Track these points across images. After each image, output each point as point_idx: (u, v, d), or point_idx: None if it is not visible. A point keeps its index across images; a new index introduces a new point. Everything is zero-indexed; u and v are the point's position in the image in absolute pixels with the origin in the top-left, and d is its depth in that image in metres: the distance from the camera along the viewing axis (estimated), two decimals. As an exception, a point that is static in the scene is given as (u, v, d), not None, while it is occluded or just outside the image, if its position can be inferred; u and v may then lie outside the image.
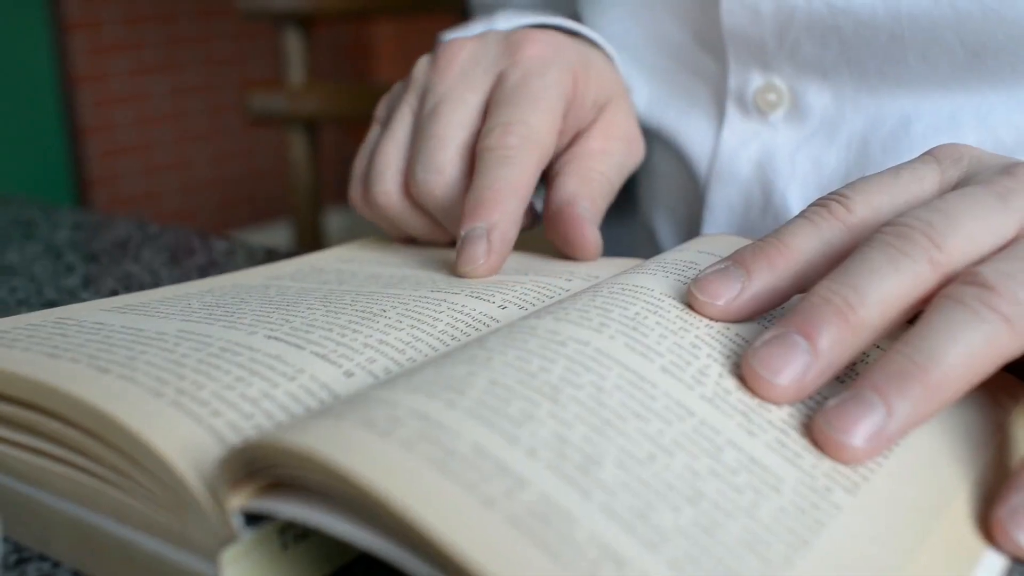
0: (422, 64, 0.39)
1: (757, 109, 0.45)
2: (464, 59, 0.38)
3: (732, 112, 0.46)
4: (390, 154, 0.38)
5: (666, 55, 0.48)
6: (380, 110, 0.41)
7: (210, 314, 0.28)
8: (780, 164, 0.45)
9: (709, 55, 0.47)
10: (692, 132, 0.48)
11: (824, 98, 0.44)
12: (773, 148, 0.45)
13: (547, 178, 0.39)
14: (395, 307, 0.29)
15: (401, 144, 0.38)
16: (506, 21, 0.48)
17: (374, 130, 0.40)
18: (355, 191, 0.40)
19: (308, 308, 0.29)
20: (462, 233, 0.33)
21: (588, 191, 0.37)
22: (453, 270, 0.34)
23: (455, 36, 0.42)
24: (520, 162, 0.34)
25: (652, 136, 0.51)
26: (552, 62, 0.37)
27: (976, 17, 0.38)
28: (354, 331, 0.27)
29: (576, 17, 0.55)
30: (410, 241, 0.41)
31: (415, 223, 0.38)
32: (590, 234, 0.36)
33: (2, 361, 0.24)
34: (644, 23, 0.48)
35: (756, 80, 0.45)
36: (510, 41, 0.38)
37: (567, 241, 0.36)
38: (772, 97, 0.45)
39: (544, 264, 0.36)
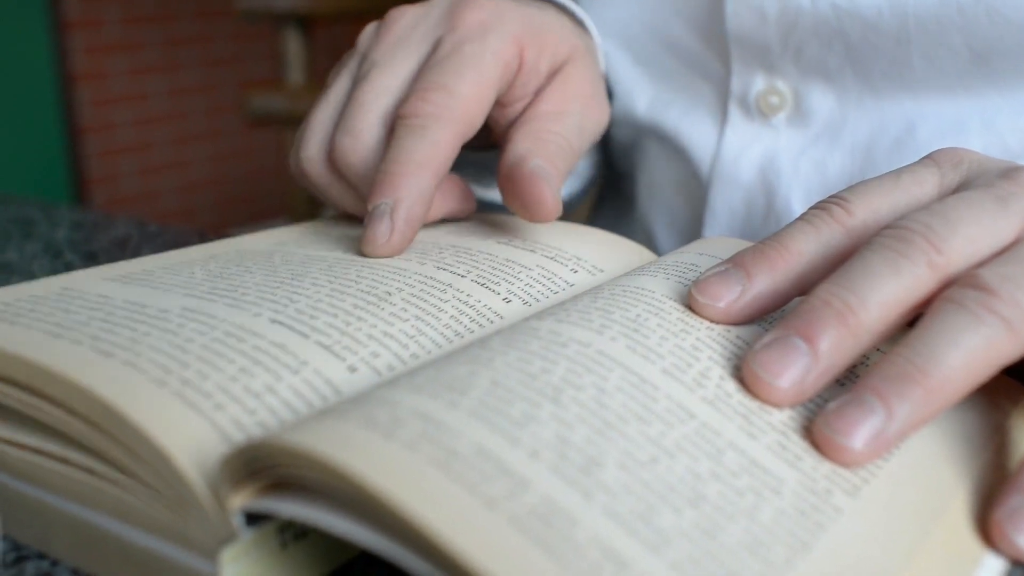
0: (368, 31, 0.38)
1: (760, 112, 0.45)
2: (403, 25, 0.36)
3: (734, 114, 0.46)
4: (319, 120, 0.36)
5: (668, 52, 0.48)
6: (329, 78, 0.39)
7: (214, 287, 0.28)
8: (783, 168, 0.45)
9: (713, 55, 0.47)
10: (694, 132, 0.48)
11: (828, 101, 0.44)
12: (776, 152, 0.45)
13: (500, 147, 0.37)
14: (400, 290, 0.29)
15: (333, 110, 0.36)
16: None
17: (323, 95, 0.38)
18: (292, 156, 0.37)
19: (313, 284, 0.28)
20: (368, 208, 0.32)
21: (542, 150, 0.34)
22: (360, 248, 0.32)
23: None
24: (434, 133, 0.32)
25: (652, 135, 0.51)
26: (492, 28, 0.35)
27: (982, 20, 0.38)
28: (359, 318, 0.26)
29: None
30: (349, 218, 0.39)
31: (339, 194, 0.36)
32: (546, 191, 0.33)
33: (4, 341, 0.24)
34: (645, 18, 0.48)
35: (759, 82, 0.45)
36: (452, 7, 0.36)
37: (521, 201, 0.33)
38: (775, 100, 0.45)
39: (551, 243, 0.35)
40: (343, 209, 0.37)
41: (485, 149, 0.43)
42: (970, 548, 0.22)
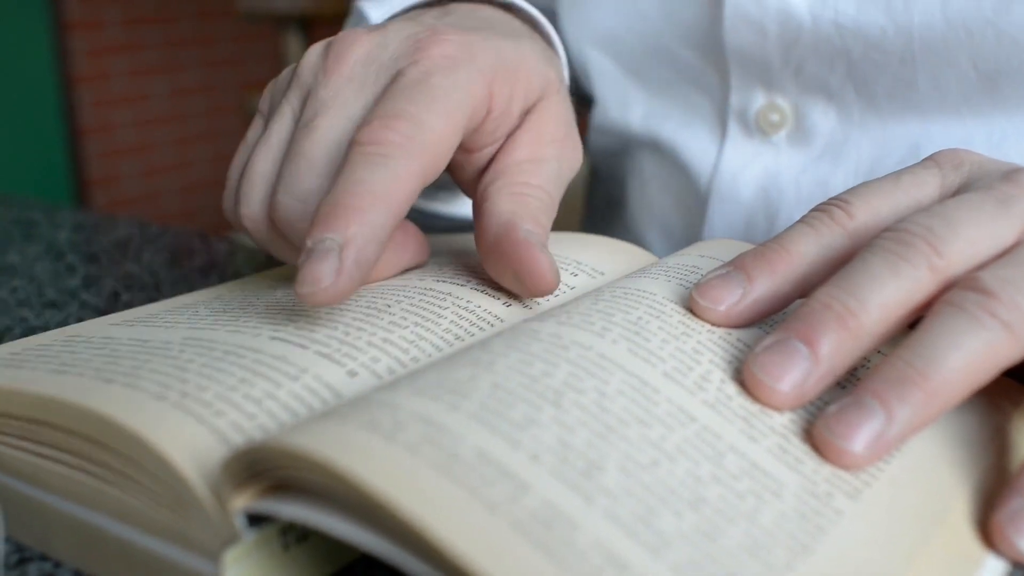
0: (312, 56, 0.32)
1: (759, 129, 0.45)
2: (357, 58, 0.31)
3: (734, 130, 0.46)
4: (260, 170, 0.31)
5: (662, 64, 0.48)
6: (263, 102, 0.34)
7: (216, 320, 0.28)
8: (784, 187, 0.44)
9: (710, 68, 0.46)
10: (692, 144, 0.47)
11: (829, 120, 0.43)
12: (776, 170, 0.45)
13: (474, 202, 0.32)
14: (399, 302, 0.29)
15: (275, 155, 0.31)
16: None
17: (256, 126, 0.33)
18: (227, 202, 0.32)
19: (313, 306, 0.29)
20: (308, 243, 0.26)
21: (527, 210, 0.30)
22: (295, 290, 0.26)
23: (355, 27, 0.36)
24: (397, 165, 0.27)
25: (647, 146, 0.50)
26: (462, 63, 0.30)
27: (990, 42, 0.38)
28: (358, 329, 0.27)
29: (549, 10, 0.52)
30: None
31: (282, 251, 0.32)
32: (543, 260, 0.29)
33: (9, 380, 0.24)
34: (636, 27, 0.47)
35: (759, 99, 0.44)
36: (415, 38, 0.31)
37: (517, 273, 0.29)
38: (775, 117, 0.44)
39: (552, 249, 0.35)
40: (288, 262, 0.33)
41: None
42: (971, 550, 0.22)
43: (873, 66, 0.41)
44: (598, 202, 0.58)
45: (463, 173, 0.33)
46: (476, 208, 0.31)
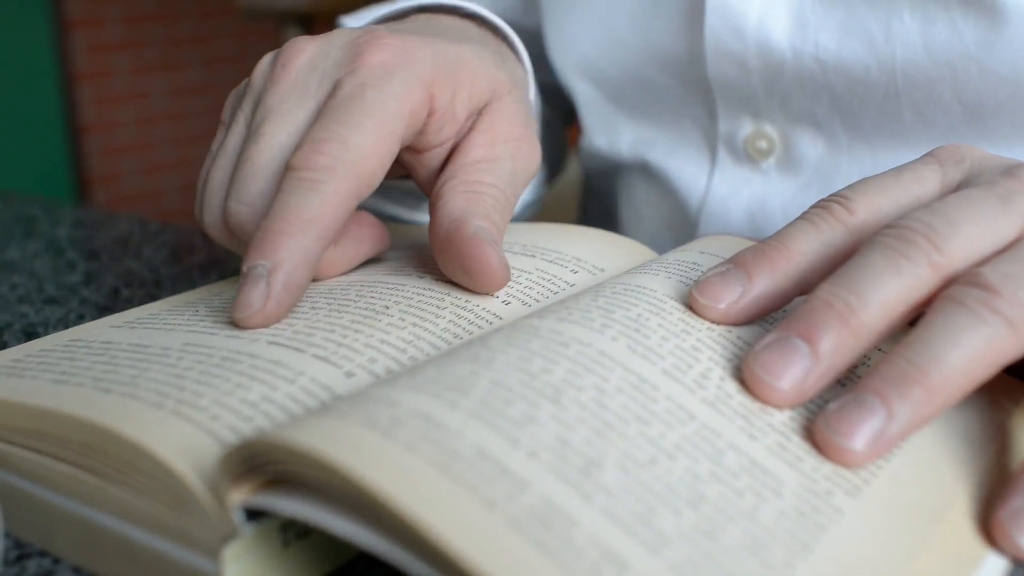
0: (263, 65, 0.33)
1: (748, 156, 0.45)
2: (301, 65, 0.32)
3: (723, 156, 0.46)
4: (217, 178, 0.32)
5: (646, 93, 0.48)
6: (225, 112, 0.35)
7: (216, 321, 0.28)
8: (773, 214, 0.44)
9: (695, 99, 0.46)
10: (682, 170, 0.47)
11: (818, 149, 0.43)
12: (766, 197, 0.45)
13: (429, 203, 0.33)
14: (398, 303, 0.29)
15: (229, 164, 0.32)
16: None
17: (218, 136, 0.34)
18: (196, 209, 0.33)
19: (312, 308, 0.29)
20: (243, 269, 0.28)
21: (479, 208, 0.31)
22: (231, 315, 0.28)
23: (304, 36, 0.38)
24: (327, 188, 0.28)
25: (637, 170, 0.50)
26: (397, 71, 0.30)
27: (973, 77, 0.38)
28: (356, 331, 0.27)
29: (537, 29, 0.52)
30: None
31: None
32: (493, 257, 0.29)
33: (10, 391, 0.24)
34: (616, 57, 0.47)
35: (746, 127, 0.44)
36: (354, 45, 0.31)
37: (466, 269, 0.30)
38: (763, 144, 0.44)
39: (548, 246, 0.35)
40: None
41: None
42: (972, 548, 0.22)
43: (858, 99, 0.41)
44: (592, 214, 0.58)
45: (418, 174, 0.34)
46: (431, 207, 0.32)
